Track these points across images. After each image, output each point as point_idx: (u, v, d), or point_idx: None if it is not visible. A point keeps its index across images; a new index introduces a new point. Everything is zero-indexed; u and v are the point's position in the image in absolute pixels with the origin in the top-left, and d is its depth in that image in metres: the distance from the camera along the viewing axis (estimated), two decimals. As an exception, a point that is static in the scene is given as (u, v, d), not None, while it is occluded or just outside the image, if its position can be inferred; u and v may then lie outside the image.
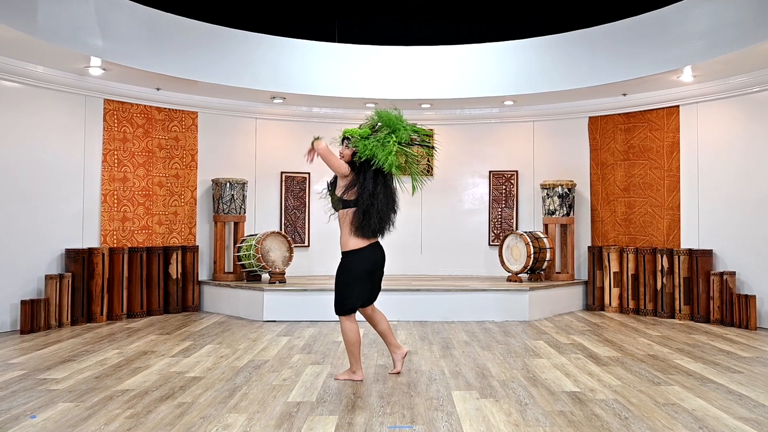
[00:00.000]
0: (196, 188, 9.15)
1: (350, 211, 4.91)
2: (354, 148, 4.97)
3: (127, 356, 5.89)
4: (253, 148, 9.64)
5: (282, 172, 9.77)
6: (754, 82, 7.74)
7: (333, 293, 5.07)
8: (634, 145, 9.05)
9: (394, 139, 4.99)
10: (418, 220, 10.28)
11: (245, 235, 9.10)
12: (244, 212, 9.19)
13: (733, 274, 7.79)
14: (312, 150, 4.93)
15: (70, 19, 7.02)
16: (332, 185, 5.04)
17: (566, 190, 9.15)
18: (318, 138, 4.90)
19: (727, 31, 7.09)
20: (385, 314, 5.21)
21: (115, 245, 8.25)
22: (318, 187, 9.18)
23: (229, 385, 4.87)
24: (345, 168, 4.91)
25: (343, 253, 4.99)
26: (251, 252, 8.39)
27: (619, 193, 9.19)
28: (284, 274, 8.59)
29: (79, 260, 7.71)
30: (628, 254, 8.75)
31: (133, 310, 8.23)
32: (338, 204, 4.97)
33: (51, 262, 7.66)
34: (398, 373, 5.24)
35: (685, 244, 8.43)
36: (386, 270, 5.19)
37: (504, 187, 10.10)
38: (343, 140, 5.05)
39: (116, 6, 7.55)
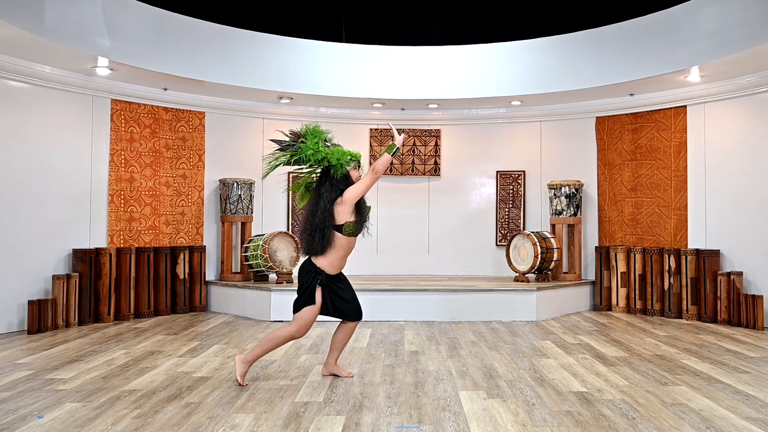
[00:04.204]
0: (203, 188, 9.17)
1: None
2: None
3: (135, 356, 5.91)
4: (260, 148, 9.63)
5: (289, 173, 9.74)
6: (761, 82, 7.71)
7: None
8: (641, 145, 9.02)
9: (316, 140, 4.96)
10: (425, 221, 10.28)
11: (252, 235, 9.11)
12: (252, 212, 9.20)
13: (740, 274, 7.76)
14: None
15: (78, 19, 7.04)
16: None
17: (573, 190, 9.14)
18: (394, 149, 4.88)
19: (734, 31, 7.06)
20: (393, 314, 5.21)
21: (122, 245, 8.27)
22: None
23: (236, 385, 4.88)
24: None
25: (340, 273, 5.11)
26: (258, 252, 8.41)
27: (627, 193, 9.16)
28: (291, 274, 8.60)
29: (86, 260, 7.74)
30: (635, 254, 8.73)
31: (141, 311, 8.25)
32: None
33: (58, 263, 7.69)
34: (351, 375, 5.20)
35: (692, 244, 8.40)
36: (394, 270, 5.21)
37: (511, 187, 10.09)
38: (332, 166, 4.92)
39: (123, 6, 7.57)
